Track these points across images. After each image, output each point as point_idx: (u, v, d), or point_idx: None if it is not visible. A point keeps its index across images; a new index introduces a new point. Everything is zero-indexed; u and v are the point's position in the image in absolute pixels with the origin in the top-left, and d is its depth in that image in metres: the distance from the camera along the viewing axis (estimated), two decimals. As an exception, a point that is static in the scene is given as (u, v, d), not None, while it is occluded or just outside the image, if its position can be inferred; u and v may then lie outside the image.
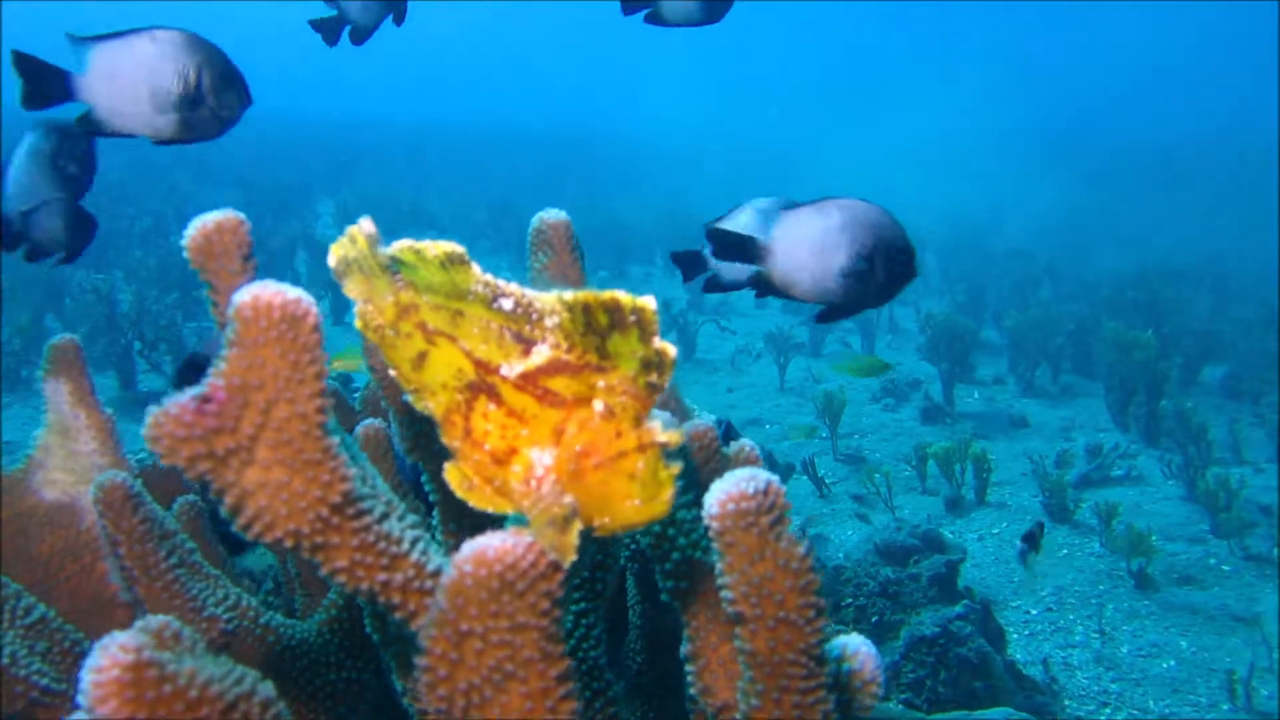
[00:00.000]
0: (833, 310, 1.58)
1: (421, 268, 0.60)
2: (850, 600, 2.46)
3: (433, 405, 0.62)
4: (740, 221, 1.65)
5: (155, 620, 0.65)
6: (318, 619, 1.00)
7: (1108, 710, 2.46)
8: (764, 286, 1.57)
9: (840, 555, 2.87)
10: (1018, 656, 2.58)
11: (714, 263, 1.68)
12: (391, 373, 0.65)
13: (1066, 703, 2.44)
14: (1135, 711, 2.46)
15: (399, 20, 2.04)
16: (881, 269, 1.55)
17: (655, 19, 1.95)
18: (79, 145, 1.62)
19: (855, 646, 0.83)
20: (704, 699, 0.80)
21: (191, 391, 0.62)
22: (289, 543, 0.65)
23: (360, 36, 2.04)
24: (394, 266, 0.61)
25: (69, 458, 1.07)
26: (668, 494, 0.60)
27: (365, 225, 0.62)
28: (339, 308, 6.00)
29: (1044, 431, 4.61)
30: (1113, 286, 6.06)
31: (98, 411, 1.08)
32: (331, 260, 0.63)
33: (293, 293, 0.62)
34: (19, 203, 1.56)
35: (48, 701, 0.89)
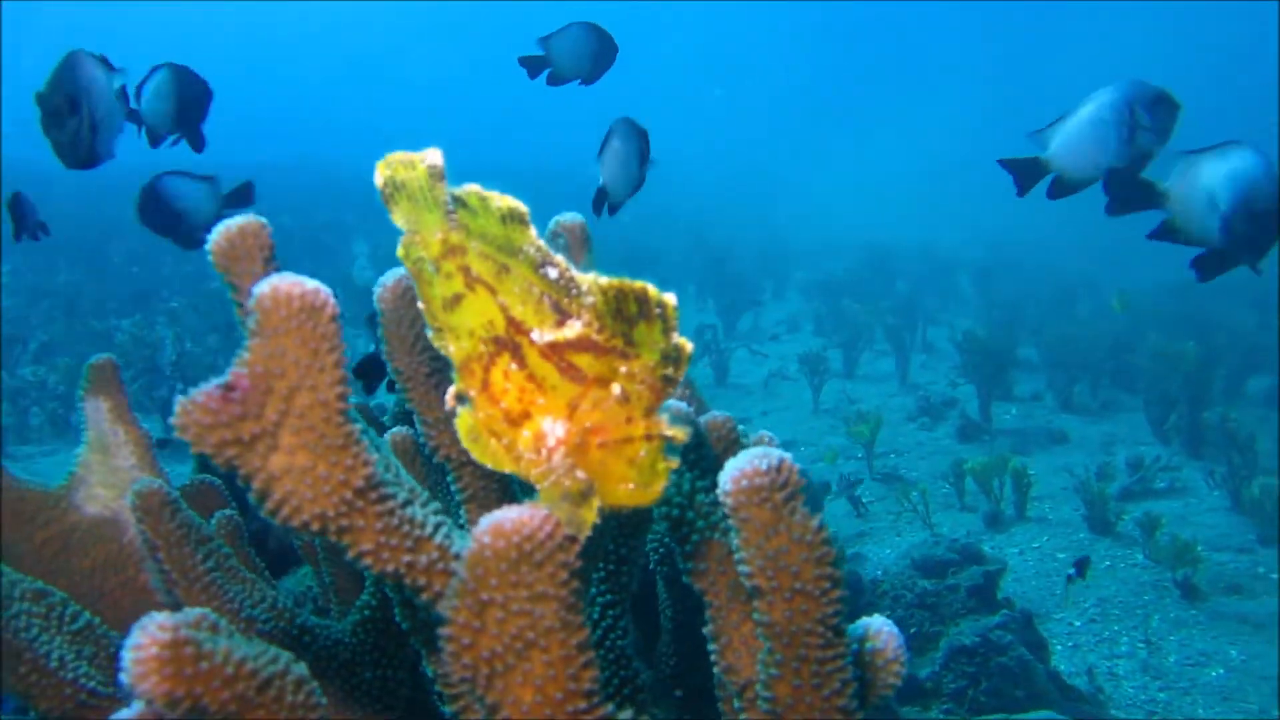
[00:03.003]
0: None
1: (482, 215, 0.60)
2: (888, 612, 2.44)
3: (454, 349, 0.63)
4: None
5: (193, 611, 0.67)
6: (351, 620, 1.02)
7: (1156, 719, 2.42)
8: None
9: (878, 571, 2.85)
10: (1062, 667, 2.55)
11: (1058, 163, 1.86)
12: (420, 305, 0.66)
13: (1113, 712, 2.40)
14: (1184, 719, 2.42)
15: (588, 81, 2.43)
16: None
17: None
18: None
19: (878, 626, 0.85)
20: (727, 677, 0.81)
21: (216, 380, 0.65)
22: (315, 526, 0.67)
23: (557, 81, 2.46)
24: (452, 206, 0.62)
25: (110, 473, 1.10)
26: (660, 485, 0.61)
27: (432, 155, 0.62)
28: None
29: (1084, 446, 4.55)
30: (1152, 301, 6.00)
31: (136, 427, 1.12)
32: (379, 179, 0.63)
33: (311, 283, 0.65)
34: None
35: (94, 703, 0.92)
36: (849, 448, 4.38)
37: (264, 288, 0.64)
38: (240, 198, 2.15)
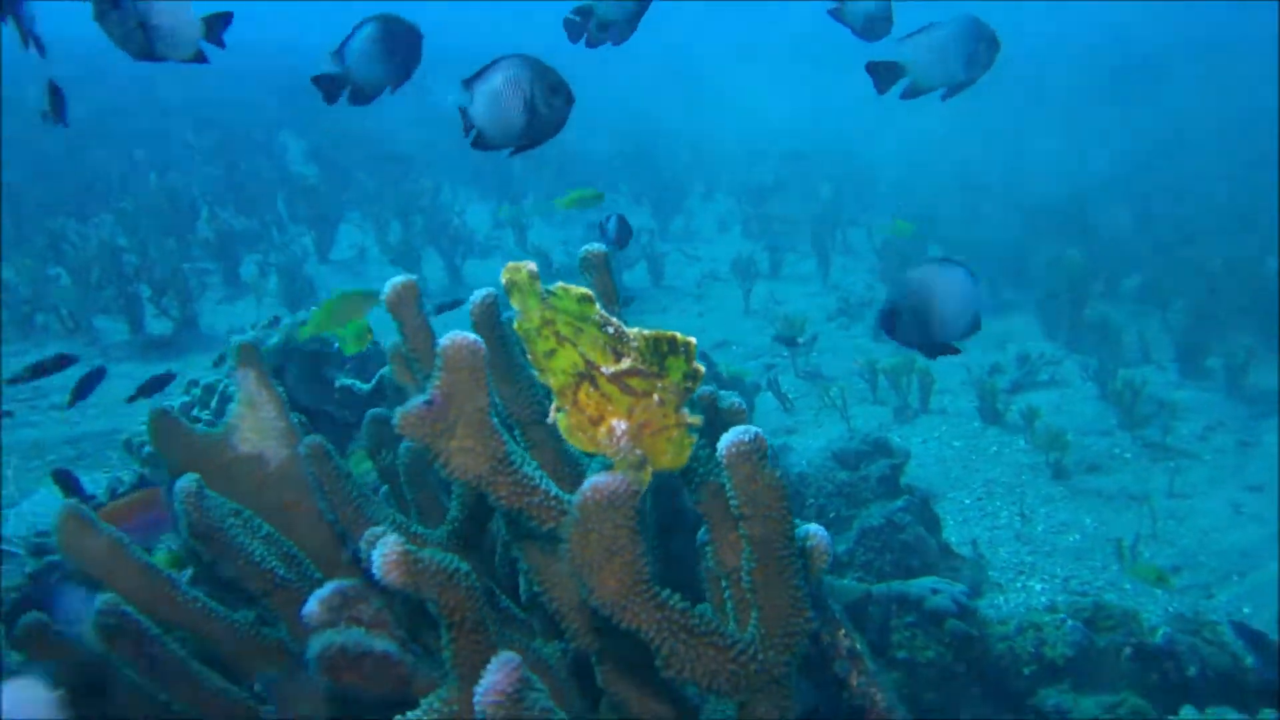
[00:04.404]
0: None
1: (565, 299, 1.00)
2: (812, 501, 2.96)
3: (552, 382, 1.02)
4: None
5: (379, 529, 1.11)
6: (444, 529, 1.46)
7: (1023, 577, 3.01)
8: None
9: (803, 463, 3.36)
10: (952, 539, 3.11)
11: (913, 70, 2.27)
12: (529, 356, 1.05)
13: (990, 573, 2.98)
14: (1045, 576, 3.02)
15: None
16: None
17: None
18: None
19: (814, 530, 1.31)
20: (719, 568, 1.27)
21: (422, 398, 1.07)
22: (474, 483, 1.10)
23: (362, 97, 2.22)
24: (545, 294, 1.02)
25: (256, 423, 1.50)
26: (688, 453, 1.04)
27: (530, 265, 1.02)
28: (322, 246, 6.37)
29: (982, 343, 5.11)
30: (1047, 208, 6.55)
31: (272, 390, 1.51)
32: (503, 279, 1.03)
33: (472, 336, 1.07)
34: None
35: (285, 586, 1.35)
36: (775, 347, 4.88)
37: (447, 341, 1.06)
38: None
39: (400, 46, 2.11)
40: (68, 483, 2.55)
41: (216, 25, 2.15)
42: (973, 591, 2.64)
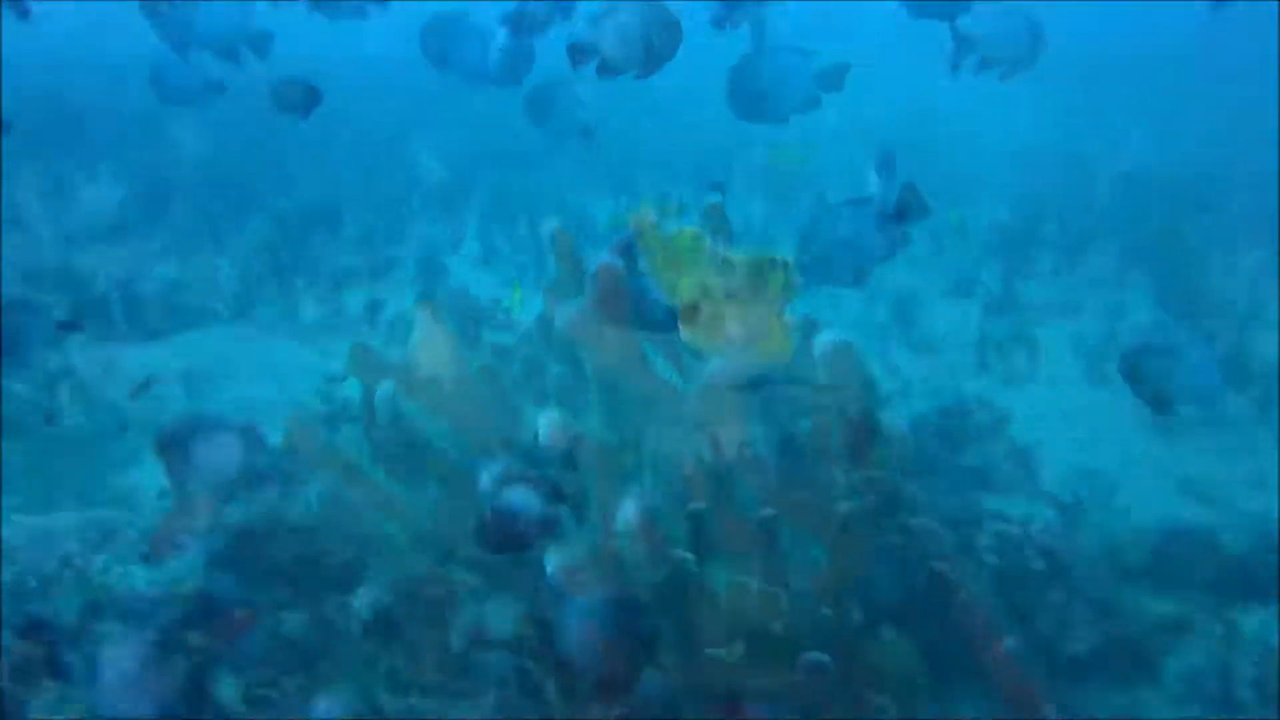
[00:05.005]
0: None
1: (682, 238, 1.31)
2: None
3: (677, 302, 1.32)
4: None
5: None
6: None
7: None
8: None
9: (908, 421, 3.58)
10: (1049, 478, 3.33)
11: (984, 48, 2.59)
12: (657, 283, 1.35)
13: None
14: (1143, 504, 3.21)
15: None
16: None
17: None
18: None
19: (896, 421, 1.58)
20: (812, 444, 1.55)
21: (577, 306, 1.38)
22: (614, 373, 1.41)
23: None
24: (666, 236, 1.32)
25: (432, 351, 1.85)
26: (790, 347, 1.33)
27: (653, 215, 1.34)
28: (455, 239, 6.76)
29: (1094, 314, 5.22)
30: (1157, 180, 6.55)
31: (445, 326, 1.85)
32: (631, 226, 1.34)
33: (617, 260, 1.38)
34: None
35: (460, 467, 1.69)
36: (887, 326, 5.09)
37: (598, 264, 1.37)
38: None
39: (656, 36, 2.04)
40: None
41: None
42: (1065, 520, 2.84)
